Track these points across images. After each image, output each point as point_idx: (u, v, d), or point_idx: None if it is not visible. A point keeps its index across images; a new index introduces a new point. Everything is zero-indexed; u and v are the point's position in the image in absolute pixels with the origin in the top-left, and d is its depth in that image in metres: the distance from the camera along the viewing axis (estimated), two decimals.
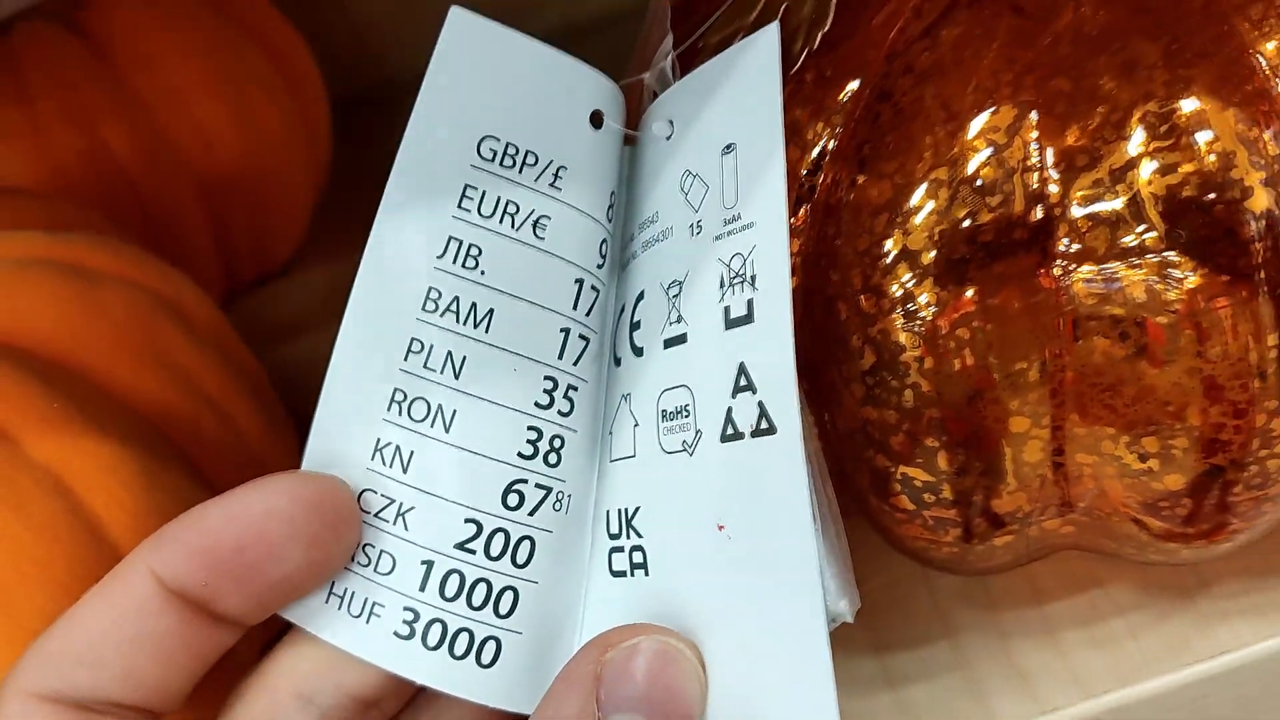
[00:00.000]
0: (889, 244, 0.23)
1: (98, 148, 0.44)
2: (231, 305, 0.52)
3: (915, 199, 0.23)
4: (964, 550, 0.26)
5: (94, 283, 0.28)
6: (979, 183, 0.22)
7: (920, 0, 0.24)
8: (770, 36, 0.22)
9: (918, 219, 0.23)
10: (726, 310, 0.22)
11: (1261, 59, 0.22)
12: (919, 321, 0.23)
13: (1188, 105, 0.22)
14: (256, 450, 0.29)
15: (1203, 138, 0.21)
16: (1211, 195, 0.21)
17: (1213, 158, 0.21)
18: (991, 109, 0.23)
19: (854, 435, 0.25)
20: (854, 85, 0.24)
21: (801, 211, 0.25)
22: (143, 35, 0.47)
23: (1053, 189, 0.22)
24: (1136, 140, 0.22)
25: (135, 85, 0.45)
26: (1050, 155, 0.22)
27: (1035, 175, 0.22)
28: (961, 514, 0.25)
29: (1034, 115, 0.22)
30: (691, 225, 0.23)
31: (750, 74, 0.22)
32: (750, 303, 0.21)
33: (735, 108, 0.22)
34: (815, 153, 0.25)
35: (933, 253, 0.23)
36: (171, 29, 0.47)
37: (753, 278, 0.21)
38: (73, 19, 0.47)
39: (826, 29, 0.23)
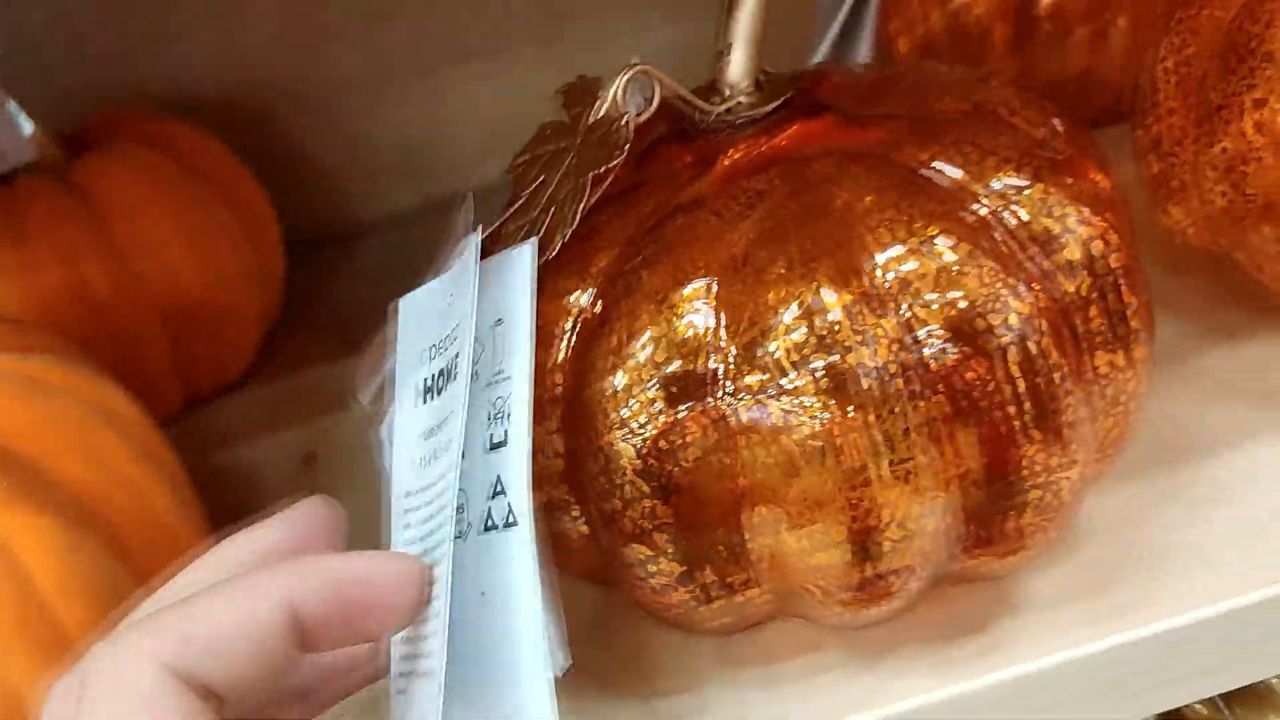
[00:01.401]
0: (617, 378, 0.32)
1: (78, 283, 0.53)
2: (188, 413, 0.61)
3: (636, 346, 0.32)
4: (689, 612, 0.34)
5: (48, 395, 0.36)
6: (677, 340, 0.31)
7: (648, 211, 0.33)
8: (528, 250, 0.31)
9: (636, 361, 0.31)
10: (491, 437, 0.30)
11: (871, 257, 0.31)
12: (635, 435, 0.31)
13: (819, 291, 0.30)
14: (168, 525, 0.37)
15: (827, 314, 0.30)
16: (834, 356, 0.30)
17: (833, 327, 0.30)
18: (689, 286, 0.32)
19: (601, 520, 0.33)
20: (604, 262, 0.33)
21: (564, 355, 0.33)
22: (124, 190, 0.56)
23: (725, 345, 0.31)
24: (783, 315, 0.30)
25: (115, 231, 0.55)
26: (724, 319, 0.31)
27: (714, 335, 0.31)
28: (678, 584, 0.33)
29: (715, 287, 0.31)
30: (475, 376, 0.32)
31: (515, 273, 0.31)
32: (506, 432, 0.30)
33: (505, 293, 0.31)
34: (577, 309, 0.34)
35: (645, 387, 0.31)
36: (149, 185, 0.57)
37: (508, 414, 0.30)
38: (67, 172, 0.57)
39: (573, 228, 0.32)
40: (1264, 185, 0.38)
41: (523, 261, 0.31)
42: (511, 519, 0.29)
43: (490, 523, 0.30)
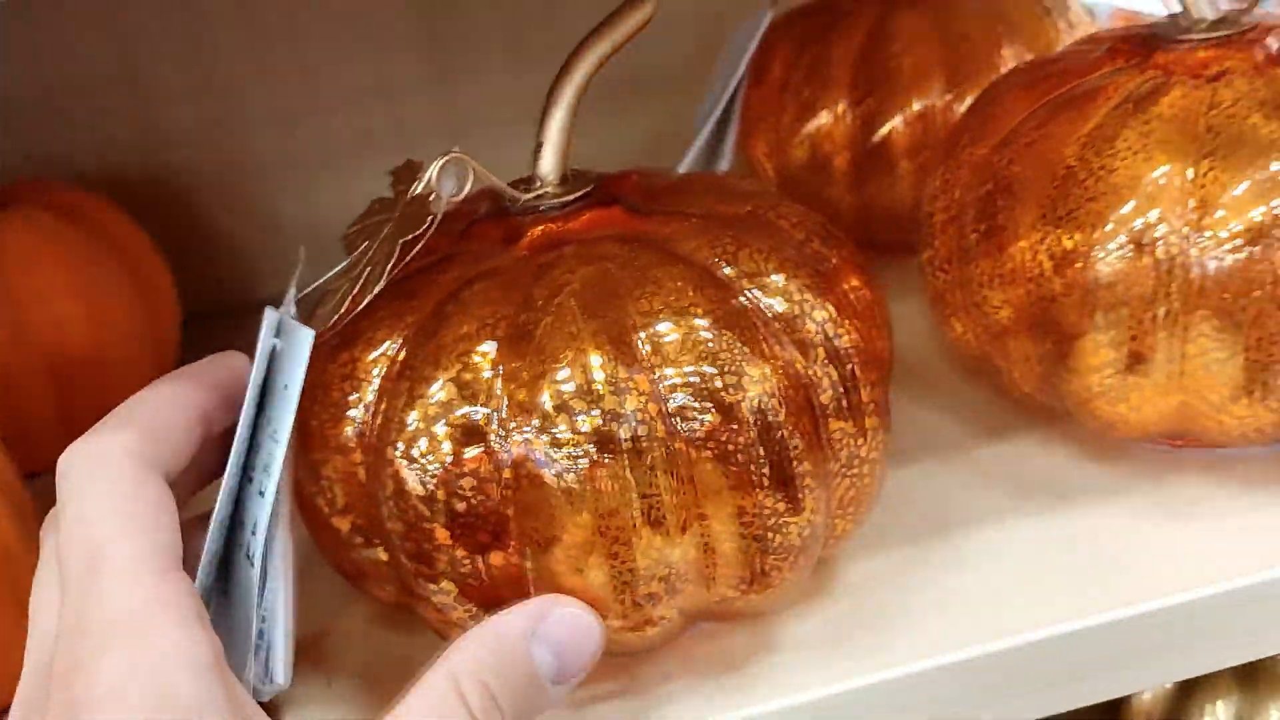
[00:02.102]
0: (410, 416, 0.36)
1: None
2: None
3: (430, 390, 0.36)
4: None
5: None
6: (464, 387, 0.36)
7: (456, 276, 0.39)
8: (307, 333, 0.36)
9: (428, 403, 0.36)
10: (262, 490, 0.35)
11: (637, 327, 0.36)
12: (422, 468, 0.36)
13: (588, 353, 0.36)
14: (12, 550, 0.41)
15: (593, 373, 0.35)
16: (595, 411, 0.35)
17: (597, 385, 0.35)
18: (477, 342, 0.36)
19: (394, 545, 0.37)
20: (413, 317, 0.38)
21: (373, 394, 0.38)
22: (21, 245, 0.61)
23: (501, 394, 0.36)
24: (556, 371, 0.35)
25: (8, 284, 0.59)
26: (503, 371, 0.36)
27: (495, 385, 0.36)
28: (456, 603, 0.37)
29: (500, 344, 0.36)
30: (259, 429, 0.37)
31: (296, 346, 0.36)
32: (265, 485, 0.35)
33: (291, 361, 0.36)
34: (387, 356, 0.38)
35: (433, 426, 0.36)
36: (47, 243, 0.61)
37: (270, 470, 0.35)
38: None
39: (380, 285, 0.37)
40: (1011, 306, 0.44)
41: (303, 340, 0.36)
42: (251, 558, 0.35)
43: (248, 555, 0.35)
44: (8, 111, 0.75)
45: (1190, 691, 0.66)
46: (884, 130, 0.62)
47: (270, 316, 0.37)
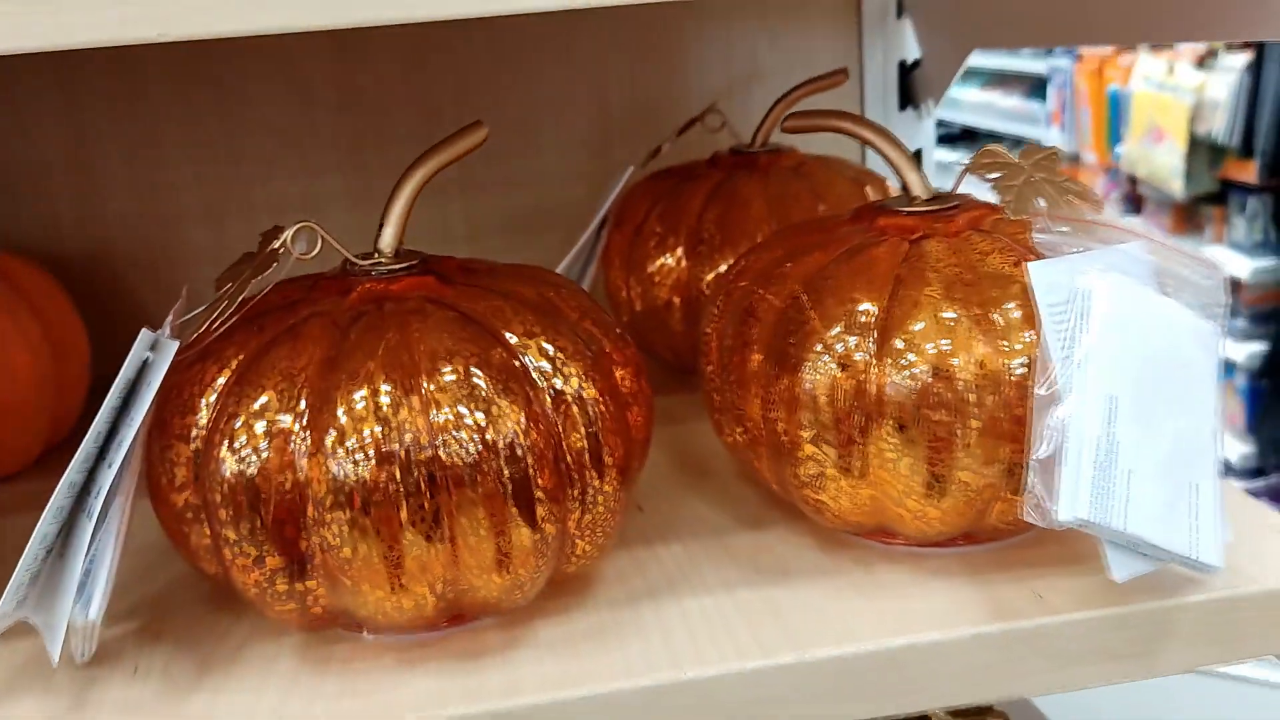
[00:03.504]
0: (237, 422, 0.45)
1: None
2: None
3: (253, 402, 0.46)
4: (263, 594, 0.46)
5: None
6: (279, 400, 0.45)
7: (297, 317, 0.49)
8: (173, 344, 0.46)
9: (249, 410, 0.45)
10: (111, 462, 0.45)
11: (423, 372, 0.46)
12: (239, 459, 0.45)
13: (379, 384, 0.45)
14: None
15: (380, 400, 0.45)
16: (379, 429, 0.44)
17: (385, 411, 0.44)
18: (297, 368, 0.46)
19: (211, 516, 0.46)
20: (255, 344, 0.48)
21: (216, 398, 0.47)
22: None
23: (305, 409, 0.45)
24: (352, 394, 0.45)
25: None
26: (309, 391, 0.45)
27: (301, 399, 0.45)
28: (254, 565, 0.45)
29: (312, 369, 0.46)
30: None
31: (163, 355, 0.46)
32: (115, 459, 0.44)
33: (156, 368, 0.46)
34: (229, 371, 0.48)
35: (251, 428, 0.45)
36: None
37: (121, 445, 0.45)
38: None
39: (232, 312, 0.47)
40: (754, 412, 0.54)
41: (169, 349, 0.46)
42: (89, 514, 0.45)
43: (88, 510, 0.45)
44: None
45: None
46: (710, 276, 0.73)
47: (145, 335, 0.47)
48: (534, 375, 0.48)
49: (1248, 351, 2.66)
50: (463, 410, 0.45)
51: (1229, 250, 2.79)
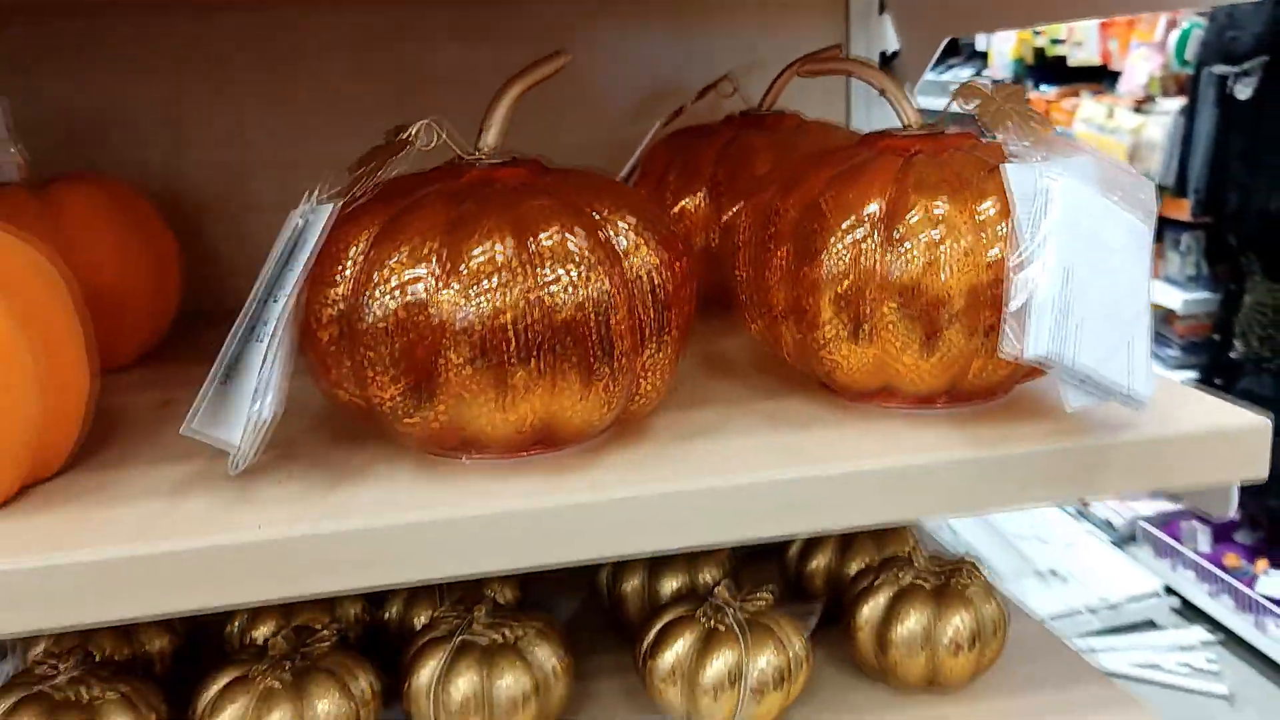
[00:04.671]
0: (382, 271, 0.57)
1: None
2: None
3: (395, 257, 0.57)
4: (394, 411, 0.58)
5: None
6: (416, 255, 0.57)
7: (421, 194, 0.61)
8: (328, 207, 0.57)
9: (392, 263, 0.57)
10: (277, 299, 0.56)
11: (535, 235, 0.58)
12: (383, 302, 0.57)
13: (496, 244, 0.57)
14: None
15: (497, 257, 0.57)
16: (498, 279, 0.56)
17: (502, 264, 0.57)
18: (426, 233, 0.58)
19: (357, 354, 0.58)
20: (390, 213, 0.60)
21: (362, 254, 0.59)
22: (78, 206, 0.81)
23: (438, 265, 0.57)
24: (475, 252, 0.57)
25: (67, 234, 0.78)
26: (441, 248, 0.57)
27: (434, 258, 0.57)
28: (390, 383, 0.57)
29: (440, 234, 0.58)
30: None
31: (319, 217, 0.58)
32: (280, 297, 0.56)
33: (313, 228, 0.58)
34: (369, 232, 0.59)
35: (394, 278, 0.57)
36: (96, 208, 0.82)
37: (286, 287, 0.56)
38: (42, 190, 0.82)
39: (370, 190, 0.59)
40: (779, 298, 0.67)
41: (324, 212, 0.58)
42: (260, 340, 0.56)
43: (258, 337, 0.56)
44: (81, 130, 0.97)
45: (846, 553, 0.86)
46: (729, 213, 0.86)
47: (304, 203, 0.59)
48: (615, 244, 0.60)
49: (1180, 380, 2.82)
50: (561, 266, 0.58)
51: (1163, 284, 2.97)
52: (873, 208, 0.64)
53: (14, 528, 0.57)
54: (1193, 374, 2.82)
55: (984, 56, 3.92)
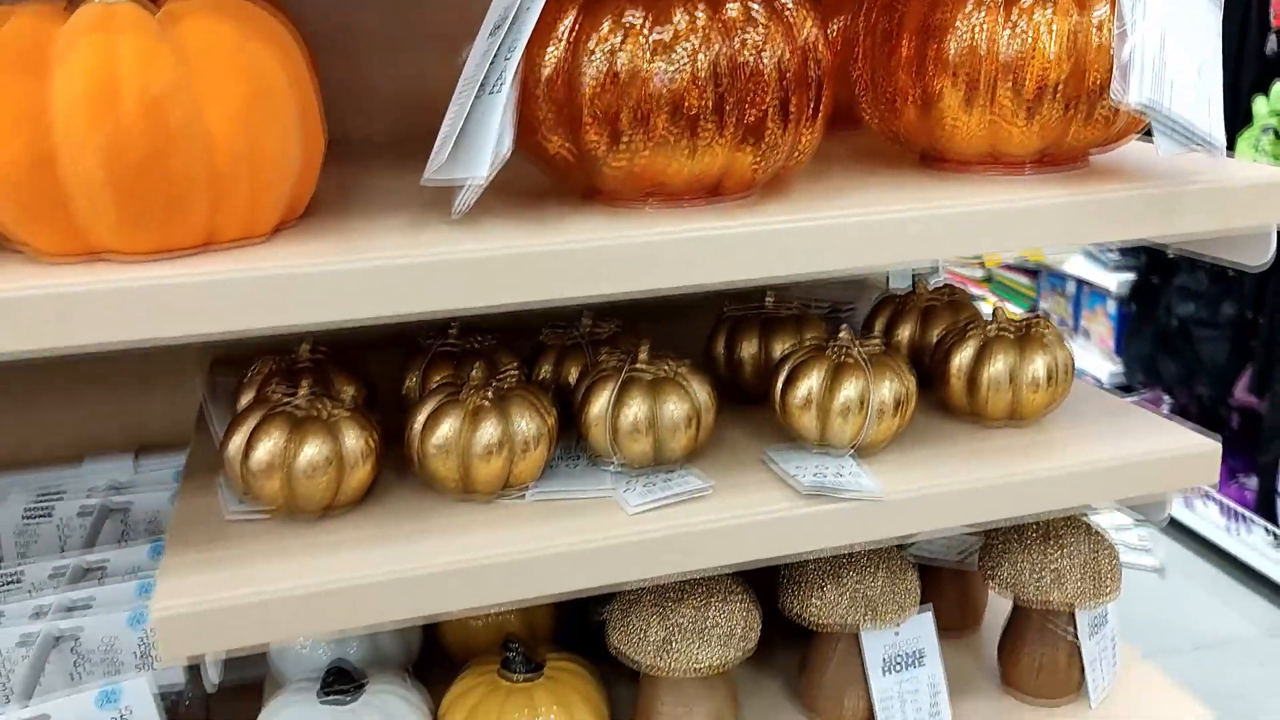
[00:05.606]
0: (590, 43, 0.68)
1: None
2: None
3: (602, 28, 0.68)
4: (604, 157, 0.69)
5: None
6: (615, 22, 0.68)
7: None
8: None
9: (601, 31, 0.68)
10: (508, 55, 0.67)
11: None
12: (596, 64, 0.67)
13: (696, 10, 0.68)
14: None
15: (698, 20, 0.68)
16: (693, 38, 0.68)
17: (699, 22, 0.68)
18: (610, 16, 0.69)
19: (572, 121, 0.69)
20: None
21: (571, 31, 0.70)
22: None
23: (639, 24, 0.68)
24: (672, 18, 0.68)
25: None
26: (642, 13, 0.68)
27: (635, 22, 0.68)
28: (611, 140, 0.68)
29: (637, 21, 0.69)
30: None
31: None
32: (513, 52, 0.67)
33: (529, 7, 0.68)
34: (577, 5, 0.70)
35: (604, 45, 0.68)
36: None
37: (514, 48, 0.67)
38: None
39: None
40: (903, 82, 0.79)
41: None
42: (498, 91, 0.66)
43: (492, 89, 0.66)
44: None
45: None
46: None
47: None
48: (790, 18, 0.71)
49: (1118, 280, 2.99)
50: (750, 31, 0.69)
51: None
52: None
53: (286, 249, 0.68)
54: (1130, 275, 2.99)
55: None
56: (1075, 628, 0.92)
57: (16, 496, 1.04)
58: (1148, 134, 0.83)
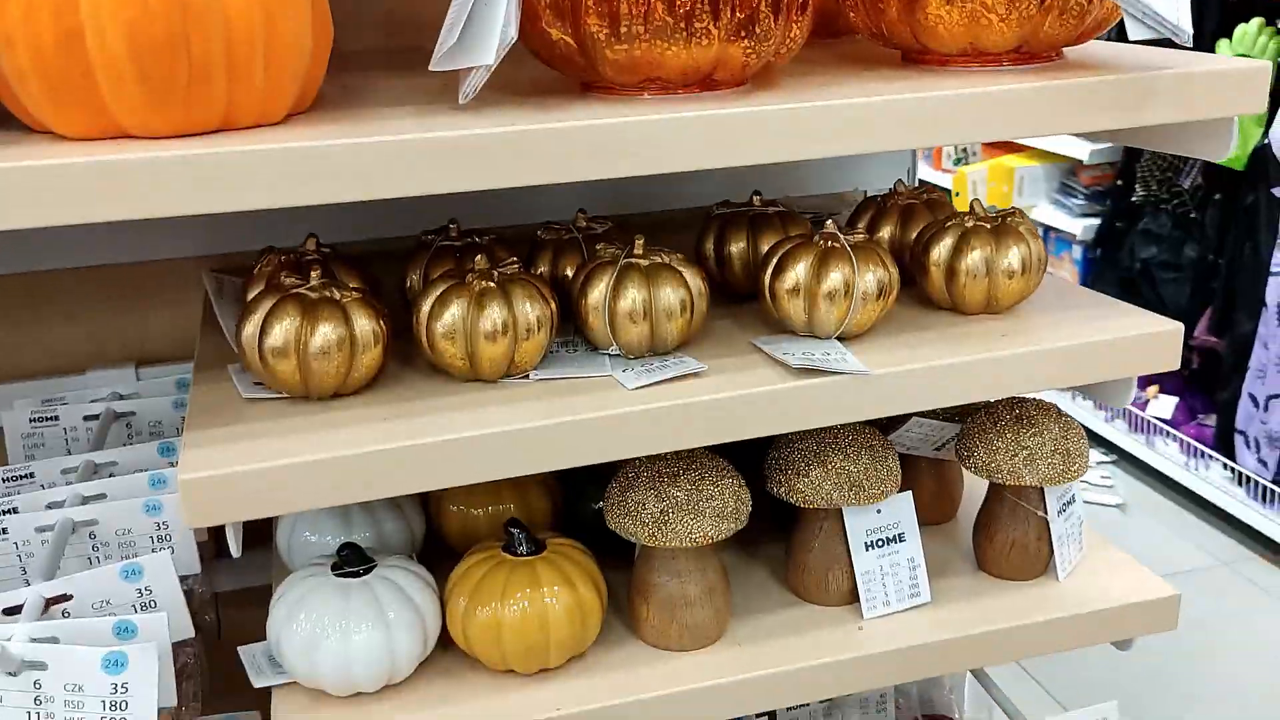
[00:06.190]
0: None
1: None
2: None
3: None
4: (605, 42, 0.72)
5: None
6: None
7: None
8: None
9: None
10: None
11: None
12: None
13: None
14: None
15: None
16: None
17: None
18: None
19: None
20: None
21: None
22: None
23: None
24: None
25: None
26: None
27: None
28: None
29: None
30: None
31: None
32: None
33: None
34: None
35: None
36: None
37: None
38: None
39: None
40: None
41: None
42: None
43: None
44: None
45: None
46: None
47: None
48: None
49: (1084, 225, 3.04)
50: None
51: (1071, 137, 3.18)
52: None
53: (302, 130, 0.71)
54: (1095, 220, 3.05)
55: None
56: (1045, 507, 0.97)
57: (22, 403, 1.06)
58: (1119, 37, 0.88)
